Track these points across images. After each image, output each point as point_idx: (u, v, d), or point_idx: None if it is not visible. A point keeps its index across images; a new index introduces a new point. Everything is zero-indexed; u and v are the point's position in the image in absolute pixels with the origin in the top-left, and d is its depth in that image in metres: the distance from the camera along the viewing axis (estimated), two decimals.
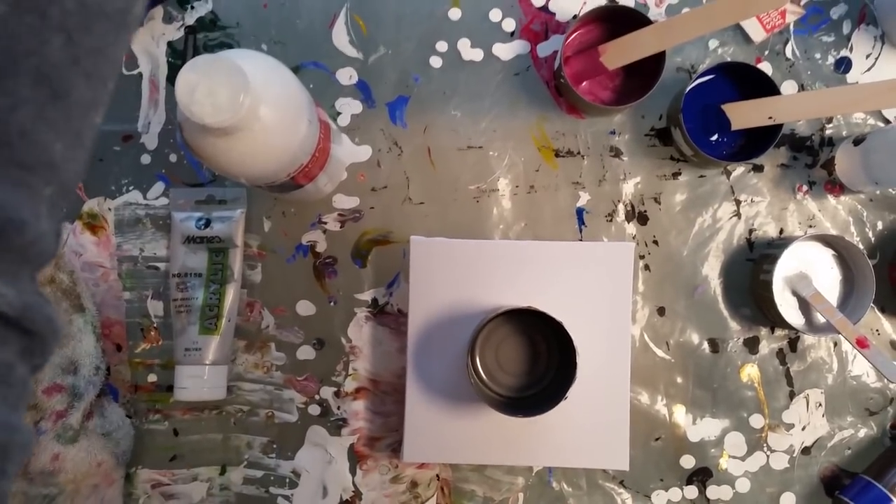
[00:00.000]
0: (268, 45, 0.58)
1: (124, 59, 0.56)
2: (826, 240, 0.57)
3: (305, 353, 0.58)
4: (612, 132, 0.58)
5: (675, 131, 0.56)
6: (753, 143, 0.56)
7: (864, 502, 0.55)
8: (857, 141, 0.56)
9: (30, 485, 0.50)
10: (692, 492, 0.57)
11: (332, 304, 0.58)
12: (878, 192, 0.58)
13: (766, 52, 0.58)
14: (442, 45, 0.58)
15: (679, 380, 0.58)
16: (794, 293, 0.56)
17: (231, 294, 0.56)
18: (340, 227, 0.58)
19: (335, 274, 0.58)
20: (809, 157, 0.58)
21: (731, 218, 0.58)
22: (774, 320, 0.57)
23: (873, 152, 0.54)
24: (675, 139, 0.57)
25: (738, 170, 0.58)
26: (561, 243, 0.52)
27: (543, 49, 0.58)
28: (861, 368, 0.58)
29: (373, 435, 0.58)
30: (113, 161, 0.58)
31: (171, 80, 0.58)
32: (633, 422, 0.53)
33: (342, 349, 0.58)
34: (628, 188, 0.58)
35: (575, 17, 0.58)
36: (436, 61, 0.58)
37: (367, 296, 0.58)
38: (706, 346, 0.58)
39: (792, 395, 0.58)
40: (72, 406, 0.52)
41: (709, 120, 0.56)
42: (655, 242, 0.58)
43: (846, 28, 0.58)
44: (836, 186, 0.58)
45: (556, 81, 0.58)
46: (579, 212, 0.58)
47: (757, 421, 0.58)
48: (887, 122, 0.58)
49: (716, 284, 0.58)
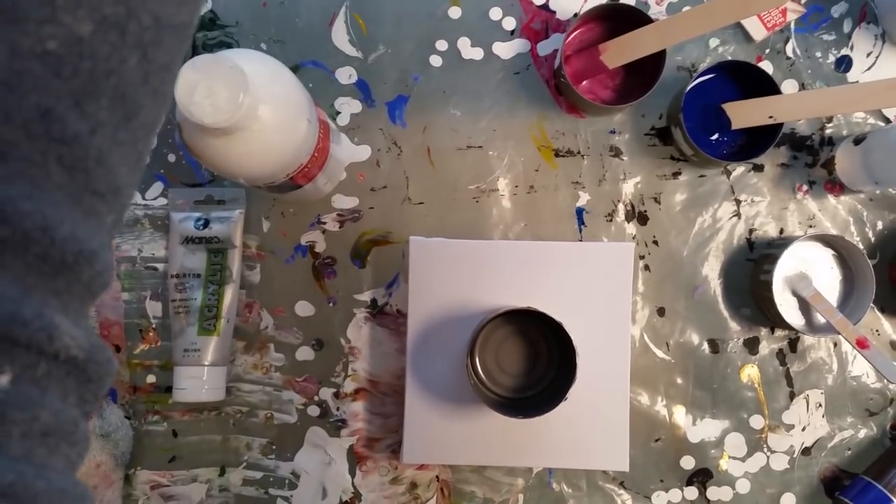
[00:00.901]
0: (267, 45, 0.58)
1: None
2: (826, 240, 0.57)
3: (304, 353, 0.58)
4: (612, 131, 0.58)
5: (675, 130, 0.56)
6: (753, 143, 0.56)
7: (864, 503, 0.55)
8: (858, 140, 0.56)
9: None
10: (692, 493, 0.57)
11: (331, 304, 0.58)
12: (878, 191, 0.58)
13: (767, 51, 0.58)
14: (442, 44, 0.58)
15: (679, 380, 0.58)
16: (794, 293, 0.56)
17: (230, 295, 0.56)
18: (339, 228, 0.58)
19: (334, 274, 0.58)
20: (809, 157, 0.58)
21: (731, 218, 0.58)
22: (774, 321, 0.57)
23: (873, 152, 0.54)
24: (676, 138, 0.57)
25: (739, 169, 0.58)
26: (561, 243, 0.52)
27: (543, 48, 0.58)
28: (861, 369, 0.58)
29: (372, 436, 0.58)
30: None
31: None
32: (632, 423, 0.53)
33: (341, 350, 0.58)
34: (628, 188, 0.58)
35: (575, 15, 0.58)
36: (435, 60, 0.58)
37: (366, 296, 0.58)
38: (706, 346, 0.58)
39: (792, 396, 0.58)
40: None
41: (709, 119, 0.56)
42: (655, 242, 0.58)
43: (847, 26, 0.58)
44: (836, 186, 0.58)
45: (556, 80, 0.58)
46: (579, 212, 0.58)
47: (757, 422, 0.58)
48: (887, 121, 0.58)
49: (716, 285, 0.58)
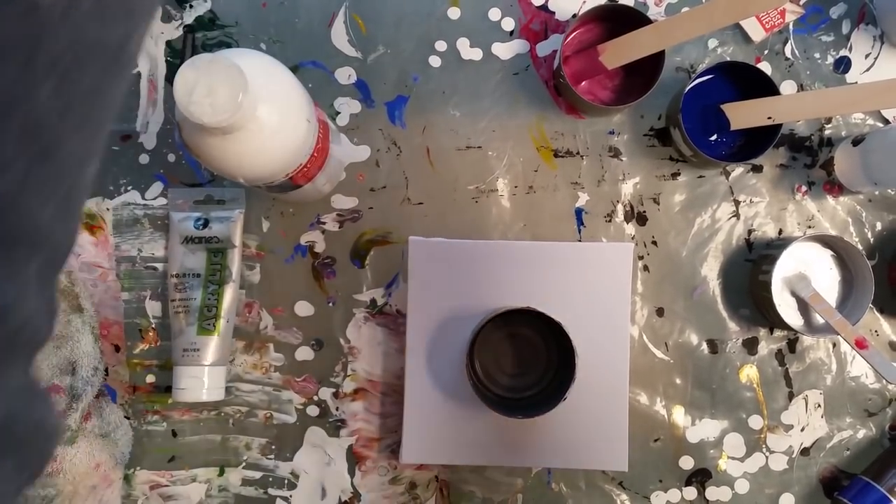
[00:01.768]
0: (266, 45, 0.58)
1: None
2: (825, 240, 0.57)
3: (304, 353, 0.58)
4: (611, 132, 0.58)
5: (674, 131, 0.56)
6: (752, 144, 0.56)
7: (863, 503, 0.55)
8: (857, 141, 0.56)
9: None
10: (691, 493, 0.57)
11: (330, 304, 0.58)
12: (876, 192, 0.58)
13: (766, 52, 0.58)
14: (441, 45, 0.58)
15: (678, 381, 0.58)
16: (793, 294, 0.56)
17: (229, 294, 0.56)
18: (339, 228, 0.58)
19: (334, 274, 0.58)
20: (808, 158, 0.58)
21: (730, 218, 0.58)
22: (773, 321, 0.57)
23: (872, 152, 0.54)
24: (675, 139, 0.57)
25: (738, 170, 0.58)
26: (560, 244, 0.52)
27: (543, 48, 0.58)
28: (860, 369, 0.58)
29: (371, 436, 0.58)
30: (111, 161, 0.58)
31: (169, 79, 0.58)
32: (632, 423, 0.53)
33: (341, 350, 0.58)
34: (627, 188, 0.58)
35: (574, 16, 0.58)
36: (435, 61, 0.58)
37: (365, 296, 0.58)
38: (705, 346, 0.58)
39: (791, 396, 0.58)
40: (70, 407, 0.52)
41: (708, 120, 0.56)
42: (654, 243, 0.58)
43: (845, 28, 0.58)
44: (835, 187, 0.58)
45: (555, 81, 0.58)
46: (578, 212, 0.58)
47: (756, 422, 0.58)
48: (886, 122, 0.58)
49: (715, 285, 0.58)
